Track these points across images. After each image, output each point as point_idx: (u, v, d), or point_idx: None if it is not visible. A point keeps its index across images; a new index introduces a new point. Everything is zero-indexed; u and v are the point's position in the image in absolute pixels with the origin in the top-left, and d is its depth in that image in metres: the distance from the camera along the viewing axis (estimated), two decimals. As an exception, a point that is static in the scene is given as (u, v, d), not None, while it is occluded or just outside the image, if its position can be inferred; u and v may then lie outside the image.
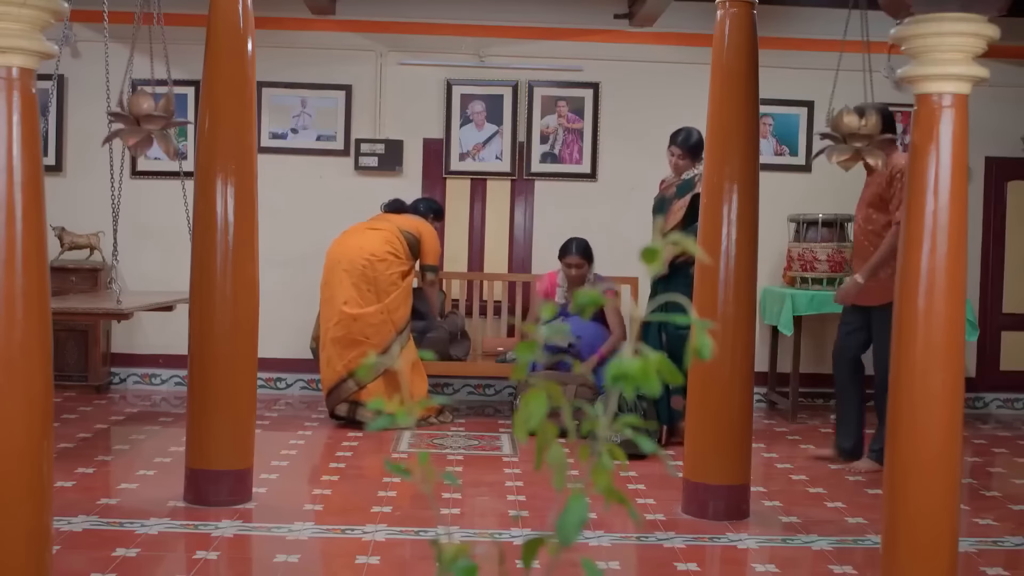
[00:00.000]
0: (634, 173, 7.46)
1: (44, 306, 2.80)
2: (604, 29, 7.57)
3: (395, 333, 6.35)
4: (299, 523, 4.29)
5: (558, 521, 1.13)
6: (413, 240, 6.58)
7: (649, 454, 1.24)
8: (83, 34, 7.08)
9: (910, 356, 3.10)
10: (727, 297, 4.53)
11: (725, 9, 4.55)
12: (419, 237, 6.60)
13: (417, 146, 7.61)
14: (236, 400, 4.48)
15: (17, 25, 2.68)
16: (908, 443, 3.11)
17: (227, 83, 4.45)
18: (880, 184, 5.41)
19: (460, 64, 7.59)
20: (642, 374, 1.11)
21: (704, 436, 4.55)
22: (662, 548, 4.13)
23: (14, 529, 2.75)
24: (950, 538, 3.11)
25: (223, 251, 4.44)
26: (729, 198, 4.53)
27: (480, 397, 7.62)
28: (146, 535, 4.06)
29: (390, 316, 6.36)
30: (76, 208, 7.24)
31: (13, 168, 2.72)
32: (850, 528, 4.49)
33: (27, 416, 2.75)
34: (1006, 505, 4.99)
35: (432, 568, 3.13)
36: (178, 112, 5.38)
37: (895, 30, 3.12)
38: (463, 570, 1.20)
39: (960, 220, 3.10)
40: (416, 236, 6.60)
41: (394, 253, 6.45)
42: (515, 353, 1.28)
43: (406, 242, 6.54)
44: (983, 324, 7.73)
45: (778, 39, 7.24)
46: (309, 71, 7.52)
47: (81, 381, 7.23)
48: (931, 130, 3.08)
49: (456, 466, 5.43)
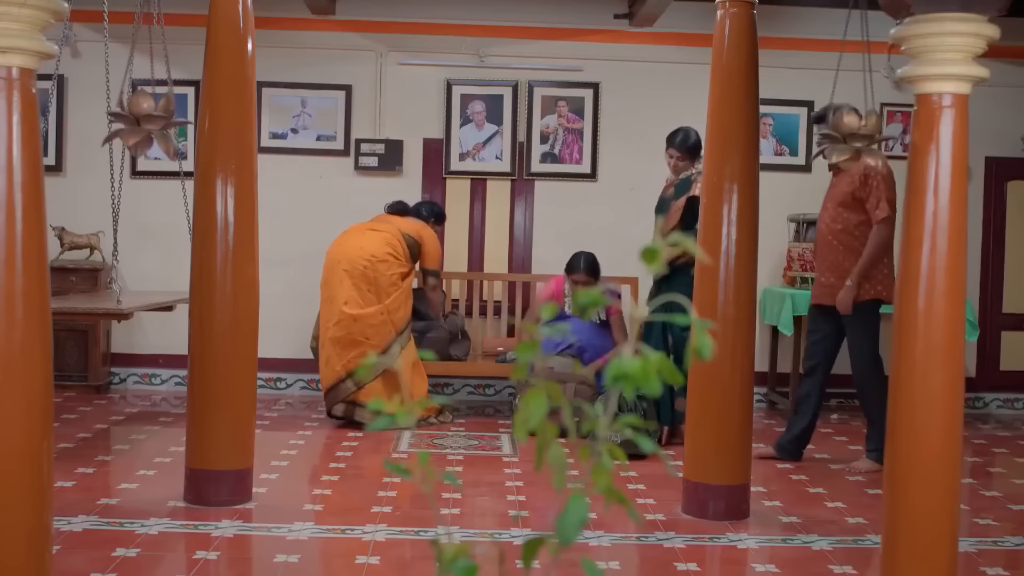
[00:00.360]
0: (634, 173, 7.46)
1: (44, 306, 2.80)
2: (604, 29, 7.57)
3: (395, 334, 6.35)
4: (299, 523, 4.29)
5: (558, 521, 1.13)
6: (414, 244, 6.58)
7: (649, 454, 1.24)
8: (83, 34, 7.08)
9: (910, 356, 3.10)
10: (727, 297, 4.52)
11: (725, 9, 4.55)
12: (420, 241, 6.60)
13: (417, 146, 7.61)
14: (236, 400, 4.48)
15: (17, 25, 2.68)
16: (908, 443, 3.11)
17: (227, 83, 4.45)
18: (853, 183, 5.45)
19: (460, 64, 7.59)
20: (642, 374, 1.11)
21: (704, 436, 4.55)
22: (662, 548, 4.13)
23: (14, 529, 2.75)
24: (950, 538, 3.11)
25: (223, 251, 4.44)
26: (729, 198, 4.53)
27: (480, 397, 7.63)
28: (146, 535, 4.06)
29: (390, 317, 6.35)
30: (76, 208, 7.24)
31: (13, 168, 2.72)
32: (850, 528, 4.49)
33: (27, 416, 2.75)
34: (1006, 505, 4.99)
35: (432, 568, 3.13)
36: (178, 112, 5.39)
37: (895, 30, 3.12)
38: (463, 570, 1.20)
39: (960, 220, 3.10)
40: (417, 240, 6.59)
41: (394, 255, 6.45)
42: (515, 353, 1.28)
43: (406, 245, 6.53)
44: (983, 324, 7.73)
45: (778, 39, 7.24)
46: (309, 71, 7.52)
47: (81, 381, 7.23)
48: (931, 130, 3.08)
49: (456, 466, 5.43)
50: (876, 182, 5.41)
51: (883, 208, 5.39)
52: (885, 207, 5.39)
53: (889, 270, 5.46)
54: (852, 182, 5.45)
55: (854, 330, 5.50)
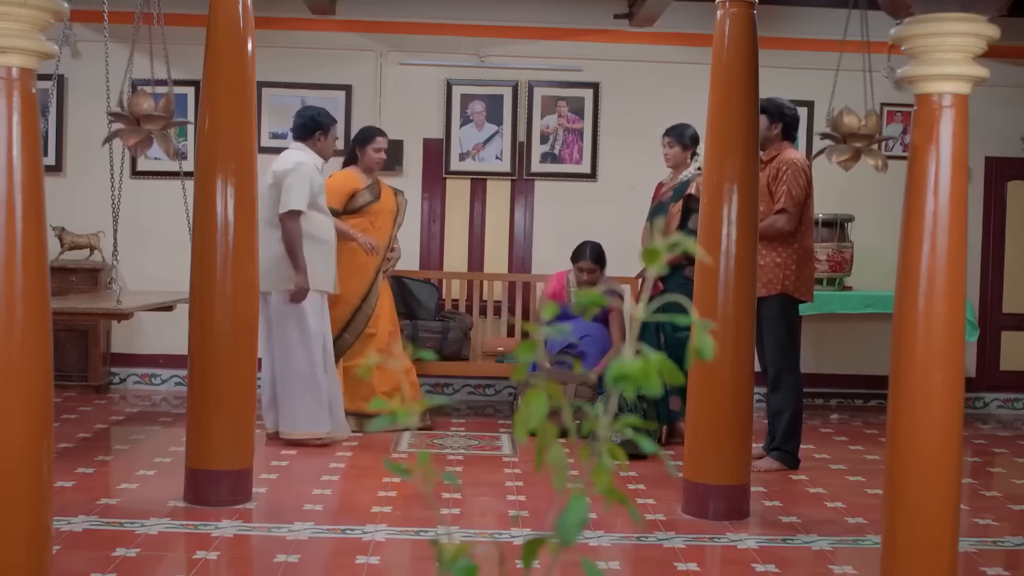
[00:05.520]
0: (634, 173, 7.46)
1: (44, 306, 2.80)
2: (604, 29, 7.57)
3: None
4: (299, 523, 4.29)
5: (558, 521, 1.13)
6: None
7: (650, 454, 1.24)
8: (83, 34, 7.07)
9: (910, 356, 3.10)
10: (727, 297, 4.52)
11: (725, 9, 4.55)
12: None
13: (417, 146, 7.61)
14: (236, 400, 4.48)
15: (17, 25, 2.68)
16: (908, 443, 3.11)
17: (227, 83, 4.45)
18: (767, 176, 5.38)
19: (460, 64, 7.59)
20: (643, 374, 1.11)
21: (704, 436, 4.55)
22: (662, 548, 4.13)
23: (14, 529, 2.75)
24: (950, 538, 3.11)
25: (223, 251, 4.44)
26: (729, 198, 4.53)
27: (480, 397, 7.63)
28: (146, 535, 4.06)
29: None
30: (76, 208, 7.24)
31: (13, 168, 2.72)
32: (850, 528, 4.49)
33: (27, 416, 2.75)
34: (1006, 505, 4.99)
35: (432, 568, 3.13)
36: (178, 112, 5.39)
37: (895, 30, 3.12)
38: (463, 570, 1.20)
39: (960, 220, 3.09)
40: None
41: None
42: (516, 353, 1.28)
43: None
44: (983, 324, 7.73)
45: (778, 39, 7.24)
46: (309, 71, 7.52)
47: (81, 381, 7.23)
48: (931, 130, 3.08)
49: (456, 466, 5.42)
50: (787, 176, 5.37)
51: (784, 201, 5.33)
52: (787, 200, 5.32)
53: (801, 268, 5.39)
54: (768, 175, 5.39)
55: (768, 322, 5.37)
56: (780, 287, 5.36)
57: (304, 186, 5.66)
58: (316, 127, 5.87)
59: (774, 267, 5.36)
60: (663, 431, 6.04)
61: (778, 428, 5.42)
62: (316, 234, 5.75)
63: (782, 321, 5.40)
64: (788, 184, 5.33)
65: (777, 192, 5.36)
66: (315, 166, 5.82)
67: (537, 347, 1.23)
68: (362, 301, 6.20)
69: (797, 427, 5.45)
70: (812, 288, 5.52)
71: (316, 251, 5.72)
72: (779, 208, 5.33)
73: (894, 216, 3.52)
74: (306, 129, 5.87)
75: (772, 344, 5.42)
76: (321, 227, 5.80)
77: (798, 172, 5.37)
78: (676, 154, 6.14)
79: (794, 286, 5.38)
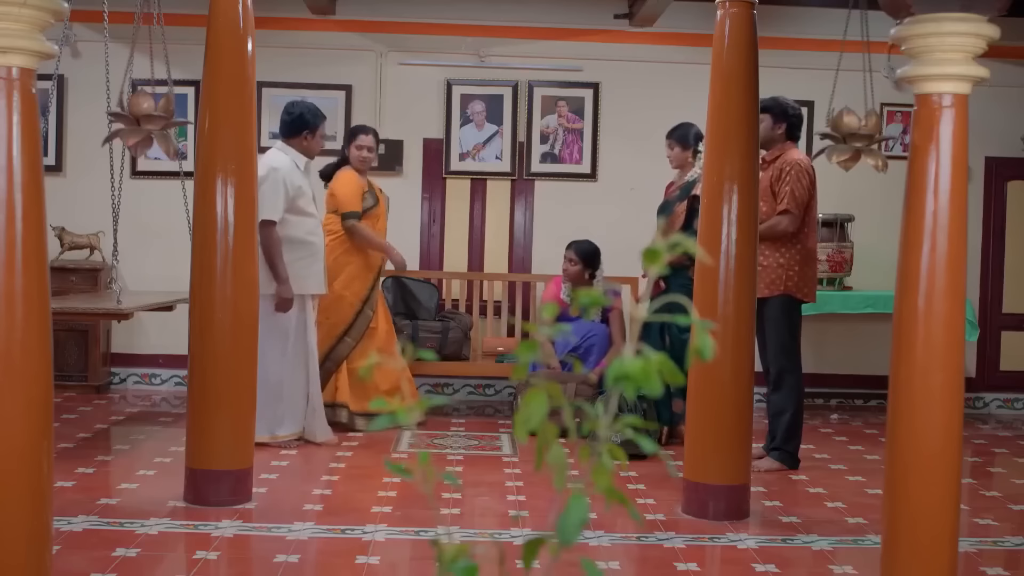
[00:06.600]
0: (634, 173, 7.46)
1: (44, 306, 2.80)
2: (604, 29, 7.57)
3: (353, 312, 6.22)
4: (299, 523, 4.29)
5: (558, 521, 1.13)
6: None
7: (650, 454, 1.24)
8: (83, 34, 7.06)
9: (910, 356, 3.10)
10: (727, 297, 4.52)
11: (725, 9, 4.55)
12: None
13: (417, 146, 7.61)
14: (236, 400, 4.48)
15: (17, 25, 2.68)
16: (908, 443, 3.11)
17: (227, 83, 4.45)
18: (771, 176, 5.39)
19: (460, 64, 7.59)
20: (643, 374, 1.11)
21: (704, 436, 4.55)
22: (662, 548, 4.13)
23: (14, 529, 2.75)
24: (950, 538, 3.11)
25: (223, 251, 4.44)
26: (729, 198, 4.53)
27: (480, 397, 7.63)
28: (146, 535, 4.06)
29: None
30: (76, 208, 7.24)
31: (13, 168, 2.72)
32: (850, 528, 4.49)
33: (27, 416, 2.75)
34: (1006, 505, 4.99)
35: (432, 568, 3.13)
36: (178, 112, 5.38)
37: (895, 30, 3.12)
38: (463, 570, 1.20)
39: (960, 220, 3.09)
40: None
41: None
42: (516, 353, 1.28)
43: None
44: (983, 324, 7.73)
45: (778, 39, 7.24)
46: (309, 71, 7.52)
47: (81, 381, 7.23)
48: (931, 130, 3.08)
49: (456, 466, 5.42)
50: (790, 176, 5.37)
51: (787, 201, 5.34)
52: (790, 201, 5.33)
53: (803, 268, 5.40)
54: (772, 175, 5.40)
55: (771, 323, 5.39)
56: (783, 288, 5.37)
57: (278, 193, 5.55)
58: (303, 126, 5.77)
59: (777, 268, 5.36)
60: (663, 431, 6.04)
61: (779, 428, 5.43)
62: (298, 236, 5.65)
63: (785, 322, 5.40)
64: (791, 185, 5.33)
65: (780, 193, 5.36)
66: (294, 165, 5.70)
67: (537, 347, 1.23)
68: (363, 304, 6.21)
69: (798, 427, 5.46)
70: (815, 289, 5.52)
71: (298, 254, 5.64)
72: (782, 209, 5.33)
73: (894, 216, 3.52)
74: (293, 128, 5.79)
75: (774, 344, 5.42)
76: (302, 229, 5.68)
77: (801, 173, 5.37)
78: (677, 155, 6.14)
79: (797, 287, 5.38)
